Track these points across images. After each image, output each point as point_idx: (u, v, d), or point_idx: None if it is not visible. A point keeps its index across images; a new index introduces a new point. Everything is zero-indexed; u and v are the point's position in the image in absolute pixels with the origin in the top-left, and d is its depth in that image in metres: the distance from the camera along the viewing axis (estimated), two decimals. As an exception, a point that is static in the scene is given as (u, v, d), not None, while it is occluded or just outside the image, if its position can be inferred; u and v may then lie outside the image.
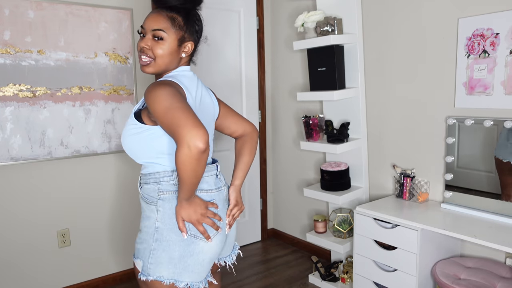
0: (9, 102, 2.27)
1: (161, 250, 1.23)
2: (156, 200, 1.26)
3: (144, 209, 1.30)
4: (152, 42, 1.26)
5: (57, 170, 2.49)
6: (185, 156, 1.06)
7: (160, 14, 1.26)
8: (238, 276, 2.84)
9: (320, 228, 2.72)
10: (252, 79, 3.30)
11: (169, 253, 1.23)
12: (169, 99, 1.11)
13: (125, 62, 2.63)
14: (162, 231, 1.24)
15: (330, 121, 2.60)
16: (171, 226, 1.24)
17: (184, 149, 1.05)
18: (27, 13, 2.28)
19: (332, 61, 2.43)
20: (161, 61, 1.28)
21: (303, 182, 3.21)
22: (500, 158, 1.96)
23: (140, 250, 1.27)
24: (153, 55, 1.27)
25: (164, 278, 1.24)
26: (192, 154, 1.05)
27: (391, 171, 2.52)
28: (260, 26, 3.29)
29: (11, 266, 2.39)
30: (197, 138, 1.04)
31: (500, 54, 1.95)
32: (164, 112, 1.09)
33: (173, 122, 1.07)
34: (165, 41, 1.26)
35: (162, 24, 1.25)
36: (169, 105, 1.09)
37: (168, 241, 1.23)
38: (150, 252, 1.24)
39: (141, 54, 1.28)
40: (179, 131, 1.06)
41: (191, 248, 1.25)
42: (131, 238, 2.80)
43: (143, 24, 1.28)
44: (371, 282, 2.20)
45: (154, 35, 1.26)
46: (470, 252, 2.17)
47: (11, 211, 2.37)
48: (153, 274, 1.24)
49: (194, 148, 1.05)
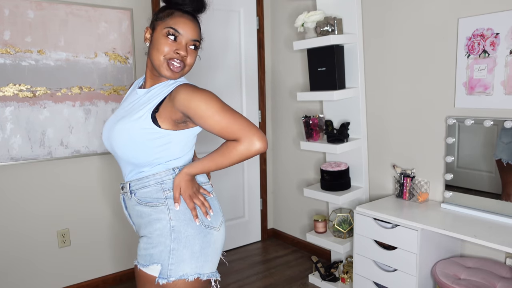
0: (9, 102, 2.27)
1: (181, 247, 1.23)
2: (164, 199, 1.25)
3: (148, 213, 1.26)
4: (189, 51, 1.25)
5: (57, 170, 2.49)
6: (244, 150, 1.16)
7: (195, 23, 1.27)
8: (238, 276, 2.84)
9: (320, 228, 2.72)
10: (252, 79, 3.30)
11: (191, 248, 1.23)
12: (220, 101, 1.18)
13: (125, 62, 2.63)
14: (179, 228, 1.23)
15: (330, 121, 2.60)
16: (187, 221, 1.24)
17: (248, 145, 1.15)
18: (27, 13, 2.28)
19: (332, 61, 2.43)
20: (187, 70, 1.28)
21: (303, 182, 3.21)
22: (500, 160, 1.96)
23: (155, 254, 1.23)
24: (186, 63, 1.26)
25: (188, 274, 1.23)
26: (251, 152, 1.16)
27: (391, 171, 2.52)
28: (260, 26, 3.29)
29: (11, 266, 2.39)
30: (263, 141, 1.16)
31: (500, 54, 1.95)
32: (221, 112, 1.16)
33: (236, 123, 1.16)
34: (197, 51, 1.28)
35: (199, 34, 1.28)
36: (224, 107, 1.17)
37: (187, 237, 1.23)
38: (169, 253, 1.22)
39: (175, 58, 1.23)
40: (245, 130, 1.15)
41: (208, 239, 1.27)
42: (131, 238, 2.80)
43: (178, 28, 1.23)
44: (371, 282, 2.20)
45: (194, 45, 1.26)
46: (470, 252, 2.17)
47: (11, 211, 2.37)
48: (175, 275, 1.22)
49: (260, 147, 1.15)
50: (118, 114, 1.32)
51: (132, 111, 1.26)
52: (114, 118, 1.32)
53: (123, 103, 1.38)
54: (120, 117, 1.28)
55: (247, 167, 3.34)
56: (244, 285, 2.72)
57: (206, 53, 2.98)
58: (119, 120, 1.26)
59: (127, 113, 1.27)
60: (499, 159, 1.96)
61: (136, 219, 1.31)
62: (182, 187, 1.24)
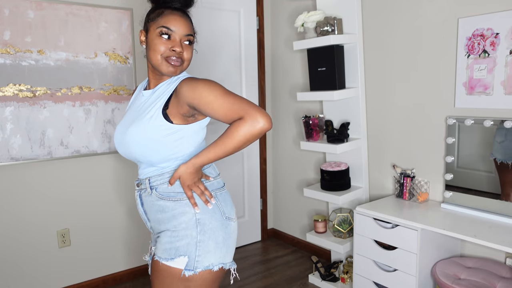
0: (9, 102, 2.27)
1: (207, 239, 1.27)
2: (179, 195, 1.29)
3: (171, 208, 1.28)
4: (184, 46, 1.28)
5: (57, 170, 2.49)
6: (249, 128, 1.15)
7: (186, 18, 1.29)
8: (238, 276, 2.84)
9: (320, 228, 2.72)
10: (252, 79, 3.30)
11: (215, 239, 1.28)
12: (221, 86, 1.20)
13: (125, 62, 2.63)
14: (204, 220, 1.28)
15: (330, 121, 2.60)
16: (212, 214, 1.29)
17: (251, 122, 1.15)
18: (27, 13, 2.28)
19: (332, 61, 2.43)
20: (186, 64, 1.32)
21: (303, 182, 3.21)
22: (497, 159, 1.96)
23: (181, 247, 1.26)
24: (183, 59, 1.29)
25: (214, 264, 1.28)
26: (256, 129, 1.15)
27: (391, 171, 2.52)
28: (260, 26, 3.29)
29: (11, 266, 2.39)
30: (267, 118, 1.15)
31: (500, 54, 1.95)
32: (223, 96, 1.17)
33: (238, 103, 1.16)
34: (192, 45, 1.31)
35: (192, 29, 1.30)
36: (226, 91, 1.19)
37: (212, 229, 1.28)
38: (196, 244, 1.26)
39: (173, 56, 1.26)
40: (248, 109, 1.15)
41: (228, 230, 1.33)
42: (131, 238, 2.80)
43: (170, 26, 1.25)
44: (371, 282, 2.20)
45: (188, 40, 1.28)
46: (470, 252, 2.17)
47: (11, 211, 2.37)
48: (201, 266, 1.26)
49: (264, 124, 1.15)
50: (128, 118, 1.35)
51: (143, 112, 1.28)
52: (124, 123, 1.35)
53: (130, 107, 1.42)
54: (131, 121, 1.31)
55: (247, 167, 3.34)
56: (244, 285, 2.72)
57: (206, 53, 2.98)
58: (131, 123, 1.29)
59: (137, 115, 1.30)
60: (494, 158, 1.97)
61: (155, 215, 1.33)
62: (182, 177, 1.26)
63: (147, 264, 2.89)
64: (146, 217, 1.38)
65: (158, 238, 1.32)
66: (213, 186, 1.35)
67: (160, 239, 1.30)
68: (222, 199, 1.35)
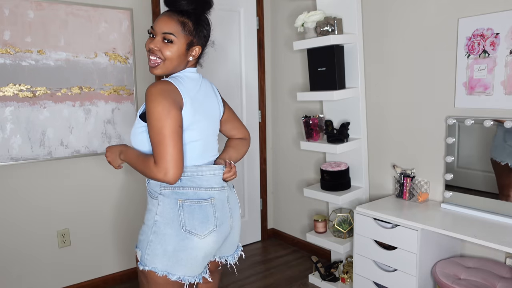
0: (9, 102, 2.27)
1: (157, 242, 1.29)
2: (158, 194, 1.32)
3: (148, 202, 1.37)
4: (161, 44, 1.29)
5: (57, 170, 2.49)
6: (152, 174, 1.22)
7: (172, 17, 1.29)
8: (238, 276, 2.84)
9: (320, 228, 2.72)
10: (252, 79, 3.30)
11: (164, 246, 1.29)
12: (164, 119, 1.20)
13: (125, 62, 2.63)
14: (160, 224, 1.30)
15: (330, 121, 2.60)
16: (168, 221, 1.29)
17: (153, 169, 1.21)
18: (27, 13, 2.28)
19: (332, 61, 2.43)
20: (169, 63, 1.31)
21: (303, 182, 3.21)
22: (496, 160, 1.96)
23: (141, 241, 1.33)
24: (162, 56, 1.30)
25: (158, 269, 1.29)
26: (155, 179, 1.22)
27: (391, 171, 2.52)
28: (260, 26, 3.29)
29: (11, 266, 2.39)
30: (172, 177, 1.20)
31: (500, 54, 1.95)
32: (157, 131, 1.21)
33: (160, 146, 1.20)
34: (174, 44, 1.30)
35: (173, 28, 1.29)
36: (162, 127, 1.20)
37: (164, 235, 1.29)
38: (147, 243, 1.30)
39: (150, 54, 1.31)
40: (162, 159, 1.20)
41: (185, 243, 1.29)
42: (131, 238, 2.80)
43: (154, 25, 1.30)
44: (371, 282, 2.20)
45: (164, 38, 1.29)
46: (470, 252, 2.17)
47: (11, 211, 2.37)
48: (149, 265, 1.29)
49: (162, 179, 1.21)
50: None
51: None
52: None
53: None
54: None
55: (247, 167, 3.34)
56: (244, 285, 2.72)
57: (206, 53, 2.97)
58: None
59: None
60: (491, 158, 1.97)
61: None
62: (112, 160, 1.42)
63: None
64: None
65: None
66: (185, 195, 1.31)
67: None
68: (189, 211, 1.30)
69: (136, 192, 2.79)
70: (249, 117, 3.30)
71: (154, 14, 2.71)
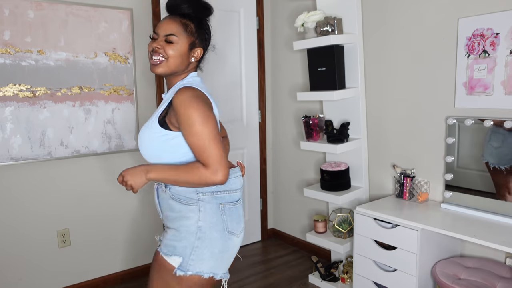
0: (9, 102, 2.27)
1: (203, 247, 1.32)
2: (196, 201, 1.32)
3: (178, 209, 1.33)
4: (164, 44, 1.33)
5: (57, 170, 2.49)
6: (203, 178, 1.24)
7: (174, 20, 1.34)
8: (238, 276, 2.84)
9: (320, 228, 2.72)
10: (252, 79, 3.30)
11: (211, 249, 1.32)
12: (206, 123, 1.23)
13: (125, 62, 2.63)
14: (205, 229, 1.32)
15: (330, 121, 2.60)
16: (213, 225, 1.33)
17: (206, 173, 1.23)
18: (27, 13, 2.28)
19: (332, 61, 2.43)
20: (172, 62, 1.34)
21: (303, 182, 3.21)
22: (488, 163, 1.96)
23: (178, 247, 1.32)
24: (165, 55, 1.33)
25: (204, 272, 1.32)
26: (208, 182, 1.24)
27: (391, 171, 2.52)
28: (260, 26, 3.29)
29: (11, 266, 2.39)
30: (225, 177, 1.24)
31: (500, 54, 1.95)
32: (202, 136, 1.23)
33: (209, 149, 1.23)
34: (177, 43, 1.33)
35: (175, 29, 1.33)
36: (207, 131, 1.23)
37: (210, 239, 1.32)
38: (192, 249, 1.31)
39: (153, 54, 1.34)
40: (214, 162, 1.23)
41: (228, 244, 1.36)
42: (131, 237, 2.80)
43: (156, 29, 1.34)
44: (371, 282, 2.20)
45: (166, 40, 1.33)
46: (470, 252, 2.17)
47: (11, 211, 2.37)
48: (192, 270, 1.31)
49: (216, 181, 1.24)
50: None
51: (152, 116, 1.36)
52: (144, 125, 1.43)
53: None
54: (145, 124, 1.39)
55: (247, 167, 3.34)
56: (244, 285, 2.72)
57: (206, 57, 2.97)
58: (142, 127, 1.37)
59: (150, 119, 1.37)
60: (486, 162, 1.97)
61: (165, 211, 1.38)
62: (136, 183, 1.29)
63: (146, 264, 2.89)
64: (160, 209, 1.42)
65: (165, 232, 1.38)
66: (224, 199, 1.36)
67: (166, 234, 1.36)
68: (229, 213, 1.36)
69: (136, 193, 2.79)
70: (249, 117, 3.30)
71: (154, 14, 2.71)
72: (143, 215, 2.84)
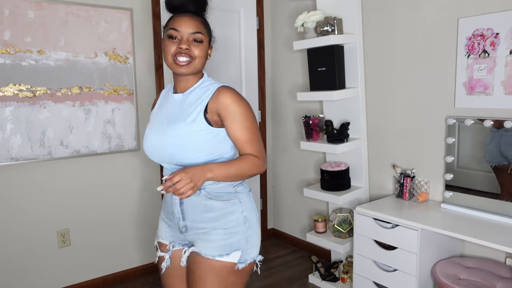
0: (9, 102, 2.27)
1: (253, 234, 1.41)
2: (235, 194, 1.38)
3: (220, 207, 1.36)
4: (191, 44, 1.32)
5: (57, 170, 2.48)
6: (257, 168, 1.34)
7: (194, 17, 1.33)
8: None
9: (320, 228, 2.72)
10: (252, 79, 3.30)
11: (257, 234, 1.43)
12: (253, 119, 1.37)
13: (125, 62, 2.63)
14: (250, 218, 1.40)
15: (330, 121, 2.60)
16: (252, 212, 1.43)
17: (260, 163, 1.34)
18: (27, 13, 2.28)
19: (332, 61, 2.43)
20: (198, 62, 1.34)
21: (303, 182, 3.21)
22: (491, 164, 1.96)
23: (234, 243, 1.36)
24: (193, 55, 1.32)
25: (256, 255, 1.42)
26: (261, 171, 1.36)
27: (391, 171, 2.52)
28: (260, 26, 3.29)
29: (11, 266, 2.39)
30: (265, 165, 1.39)
31: (500, 54, 1.95)
32: (252, 131, 1.34)
33: (258, 142, 1.35)
34: (202, 43, 1.33)
35: (199, 27, 1.32)
36: (255, 126, 1.36)
37: (254, 225, 1.42)
38: (246, 240, 1.38)
39: (179, 55, 1.31)
40: (263, 153, 1.36)
41: (258, 225, 1.46)
42: (131, 237, 2.80)
43: (177, 27, 1.30)
44: (371, 282, 2.20)
45: (194, 38, 1.31)
46: (470, 252, 2.17)
47: (11, 211, 2.37)
48: (250, 258, 1.39)
49: (264, 169, 1.37)
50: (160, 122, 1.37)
51: (180, 115, 1.33)
52: (157, 127, 1.37)
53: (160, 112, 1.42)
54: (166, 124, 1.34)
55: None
56: (244, 285, 2.72)
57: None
58: (169, 126, 1.32)
59: (174, 118, 1.34)
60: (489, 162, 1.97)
61: (199, 214, 1.36)
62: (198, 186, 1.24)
63: (146, 264, 2.88)
64: (182, 216, 1.39)
65: (203, 236, 1.36)
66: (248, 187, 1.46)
67: (209, 237, 1.35)
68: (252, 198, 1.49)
69: (136, 192, 2.79)
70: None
71: (154, 14, 2.71)
72: (142, 215, 2.84)
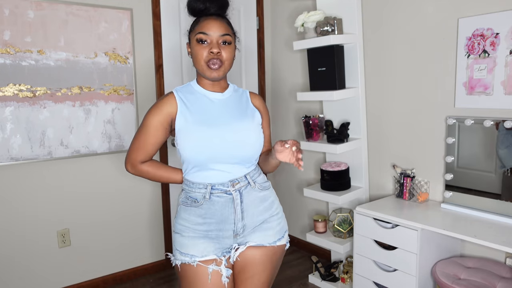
0: (9, 102, 2.27)
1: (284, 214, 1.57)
2: (268, 183, 1.51)
3: (269, 195, 1.48)
4: (220, 47, 1.32)
5: (57, 170, 2.49)
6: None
7: (220, 20, 1.35)
8: (238, 276, 2.84)
9: (320, 228, 2.72)
10: (252, 79, 3.30)
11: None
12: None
13: (125, 62, 2.63)
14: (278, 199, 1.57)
15: (330, 121, 2.60)
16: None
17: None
18: (27, 13, 2.28)
19: (332, 61, 2.43)
20: (227, 64, 1.35)
21: (303, 182, 3.21)
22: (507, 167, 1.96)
23: (284, 225, 1.52)
24: (223, 58, 1.32)
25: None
26: None
27: (391, 171, 2.52)
28: (260, 26, 3.29)
29: (11, 266, 2.39)
30: None
31: (500, 54, 1.95)
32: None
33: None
34: (231, 45, 1.35)
35: (227, 29, 1.34)
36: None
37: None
38: (285, 220, 1.55)
39: (212, 59, 1.30)
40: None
41: None
42: (131, 238, 2.80)
43: (205, 30, 1.31)
44: (371, 282, 2.20)
45: (224, 41, 1.33)
46: (470, 252, 2.17)
47: (11, 211, 2.37)
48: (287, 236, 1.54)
49: None
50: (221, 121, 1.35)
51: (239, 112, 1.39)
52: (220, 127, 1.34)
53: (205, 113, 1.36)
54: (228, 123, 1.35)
55: (247, 167, 3.34)
56: (244, 285, 2.72)
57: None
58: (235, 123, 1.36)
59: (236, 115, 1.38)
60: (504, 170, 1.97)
61: (256, 207, 1.43)
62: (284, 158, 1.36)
63: (146, 264, 2.88)
64: (241, 216, 1.39)
65: (263, 226, 1.44)
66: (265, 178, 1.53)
67: (268, 225, 1.45)
68: None
69: (135, 193, 2.79)
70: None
71: (154, 14, 2.71)
72: (143, 215, 2.84)
